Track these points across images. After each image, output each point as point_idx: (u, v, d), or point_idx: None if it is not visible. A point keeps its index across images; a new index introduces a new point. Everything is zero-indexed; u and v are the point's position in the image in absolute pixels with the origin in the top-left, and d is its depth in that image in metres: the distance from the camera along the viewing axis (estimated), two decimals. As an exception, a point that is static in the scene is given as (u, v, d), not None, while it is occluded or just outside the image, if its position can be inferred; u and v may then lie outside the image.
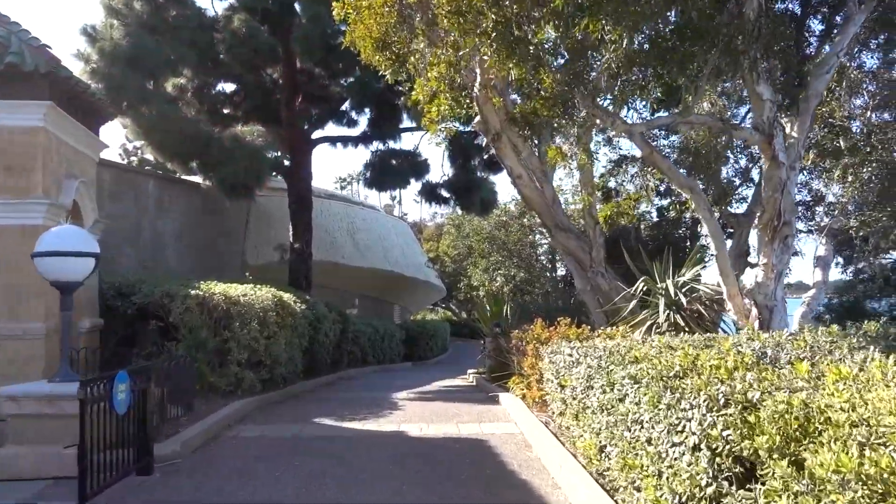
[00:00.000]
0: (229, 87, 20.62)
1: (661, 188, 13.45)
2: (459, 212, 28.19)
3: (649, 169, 10.95)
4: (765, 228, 6.88)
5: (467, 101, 9.65)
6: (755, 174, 12.15)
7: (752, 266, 14.11)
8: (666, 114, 7.40)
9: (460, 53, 7.13)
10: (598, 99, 6.92)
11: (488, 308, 18.43)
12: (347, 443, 7.45)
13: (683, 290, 8.12)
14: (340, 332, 17.43)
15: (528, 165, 10.96)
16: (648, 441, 4.05)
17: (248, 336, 10.10)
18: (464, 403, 10.43)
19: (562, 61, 6.72)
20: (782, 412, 2.88)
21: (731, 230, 11.24)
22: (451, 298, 45.97)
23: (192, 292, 10.19)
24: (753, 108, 6.89)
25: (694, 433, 3.40)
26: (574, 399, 6.02)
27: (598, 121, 6.89)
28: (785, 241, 6.91)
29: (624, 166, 15.85)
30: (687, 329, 7.68)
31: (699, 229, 16.48)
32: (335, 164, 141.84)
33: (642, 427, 4.19)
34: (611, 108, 7.00)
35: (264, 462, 6.61)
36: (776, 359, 4.21)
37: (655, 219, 17.87)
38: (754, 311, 6.97)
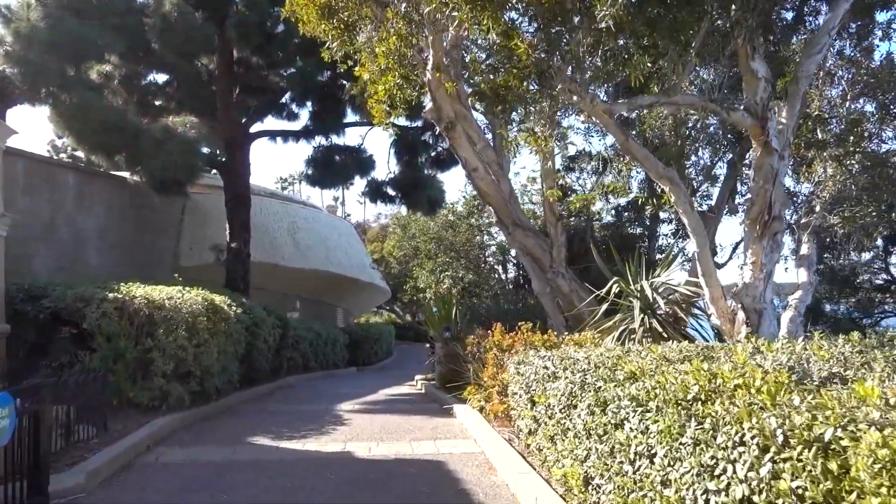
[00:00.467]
0: (161, 78, 19.31)
1: (620, 184, 12.78)
2: (406, 211, 27.28)
3: (619, 161, 10.20)
4: (753, 223, 6.19)
5: (418, 80, 8.78)
6: (719, 171, 11.65)
7: (720, 266, 13.72)
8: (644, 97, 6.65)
9: (425, 10, 6.23)
10: (577, 74, 6.13)
11: (436, 311, 17.59)
12: (287, 468, 6.47)
13: (659, 291, 7.42)
14: (280, 338, 16.35)
15: (483, 158, 10.15)
16: (665, 483, 3.22)
17: (175, 344, 8.98)
18: (416, 416, 9.52)
19: (535, 28, 5.90)
20: (888, 461, 2.08)
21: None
22: (395, 301, 44.96)
23: (111, 295, 9.02)
24: (746, 88, 6.20)
25: (742, 481, 2.57)
26: (550, 418, 5.19)
27: (574, 97, 6.11)
28: (774, 238, 6.24)
29: (578, 163, 15.25)
30: (665, 335, 6.97)
31: (658, 228, 16.00)
32: (276, 163, 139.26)
33: (653, 463, 3.37)
34: (590, 87, 6.21)
35: (186, 496, 5.59)
36: (807, 374, 3.44)
37: (611, 218, 17.35)
38: (741, 314, 6.27)
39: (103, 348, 8.75)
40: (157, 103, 19.01)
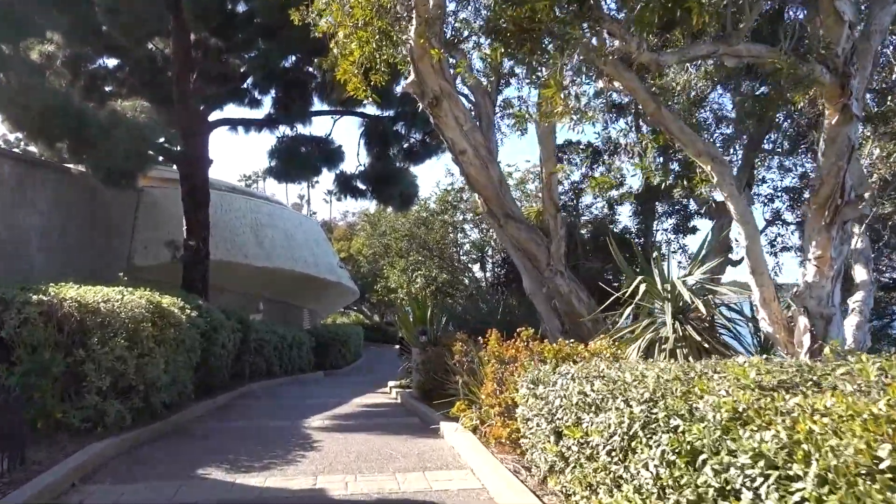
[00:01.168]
0: (112, 62, 17.70)
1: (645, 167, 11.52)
2: (376, 207, 25.98)
3: (641, 140, 8.98)
4: (820, 209, 5.02)
5: (399, 40, 7.47)
6: (733, 156, 10.47)
7: (735, 264, 12.63)
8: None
9: None
10: (623, 6, 4.95)
11: (410, 312, 16.31)
12: (243, 514, 5.13)
13: (695, 292, 6.24)
14: (241, 342, 14.93)
15: (470, 141, 8.88)
16: None
17: (112, 355, 7.54)
18: (397, 436, 8.19)
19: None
20: None
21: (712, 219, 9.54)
22: (363, 301, 43.57)
23: (35, 298, 7.54)
24: (826, 35, 5.03)
25: None
26: (591, 460, 3.93)
27: (616, 42, 4.91)
28: (845, 227, 5.09)
29: (567, 152, 14.12)
30: (705, 346, 5.79)
31: (655, 225, 14.89)
32: (238, 157, 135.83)
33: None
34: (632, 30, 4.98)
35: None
36: None
37: (598, 213, 16.25)
38: (802, 320, 5.10)
39: (25, 361, 7.28)
40: (106, 89, 17.42)
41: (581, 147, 14.30)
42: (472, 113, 10.17)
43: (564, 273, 8.77)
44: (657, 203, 13.69)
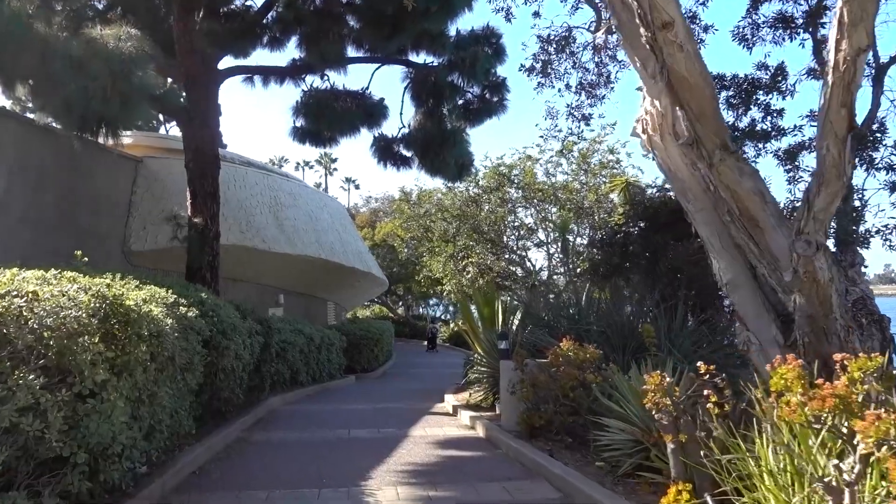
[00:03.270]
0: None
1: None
2: (420, 177, 22.27)
3: None
4: None
5: None
6: None
7: None
8: None
9: None
10: None
11: (475, 310, 12.56)
12: None
13: None
14: (262, 348, 11.22)
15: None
16: None
17: (13, 403, 3.81)
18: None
19: None
20: None
21: None
22: (389, 293, 39.90)
23: None
24: None
25: None
26: None
27: None
28: None
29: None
30: None
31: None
32: (256, 131, 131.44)
33: None
34: None
35: None
36: None
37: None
38: None
39: None
40: (89, 26, 13.65)
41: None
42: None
43: (823, 248, 4.97)
44: None
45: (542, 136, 19.44)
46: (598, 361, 7.11)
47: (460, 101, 14.69)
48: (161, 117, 39.27)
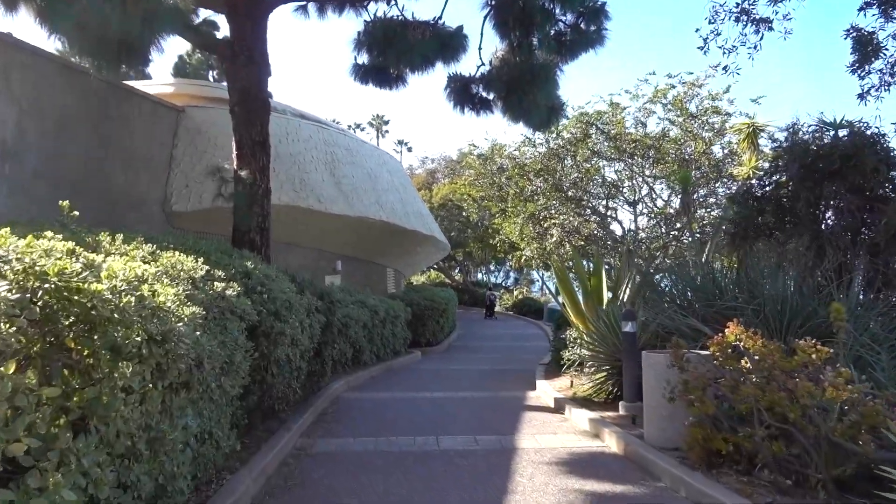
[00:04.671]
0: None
1: None
2: (487, 133, 19.80)
3: None
4: None
5: None
6: None
7: None
8: None
9: None
10: None
11: (576, 280, 10.27)
12: None
13: None
14: (323, 329, 9.09)
15: None
16: None
17: None
18: None
19: None
20: None
21: None
22: (447, 258, 37.72)
23: None
24: None
25: None
26: None
27: None
28: None
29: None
30: None
31: None
32: (303, 94, 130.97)
33: None
34: None
35: None
36: None
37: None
38: None
39: None
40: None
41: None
42: None
43: None
44: None
45: (640, 80, 16.73)
46: (825, 363, 4.72)
47: (551, 32, 12.17)
48: (207, 62, 37.28)
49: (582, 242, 16.91)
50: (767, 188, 9.18)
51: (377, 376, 12.92)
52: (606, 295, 10.31)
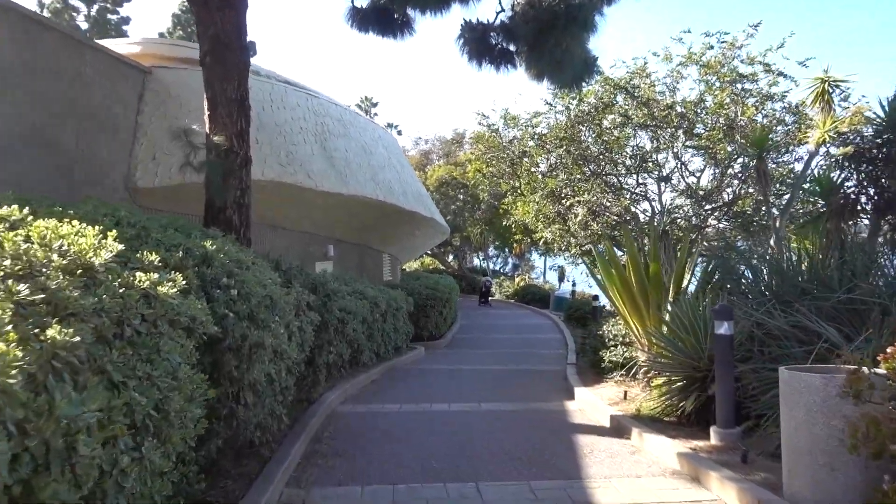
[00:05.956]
0: None
1: None
2: (494, 105, 17.64)
3: None
4: None
5: None
6: None
7: None
8: None
9: None
10: None
11: (645, 267, 8.31)
12: None
13: None
14: (317, 329, 6.99)
15: None
16: None
17: None
18: None
19: None
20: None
21: None
22: (443, 244, 35.60)
23: None
24: None
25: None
26: None
27: None
28: None
29: None
30: None
31: None
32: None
33: None
34: None
35: None
36: None
37: None
38: None
39: None
40: None
41: None
42: None
43: None
44: None
45: (674, 38, 14.59)
46: None
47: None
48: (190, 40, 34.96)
49: (616, 220, 14.85)
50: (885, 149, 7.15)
51: (379, 380, 10.89)
52: (675, 287, 8.26)
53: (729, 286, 7.33)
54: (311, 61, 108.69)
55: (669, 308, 7.46)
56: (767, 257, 7.52)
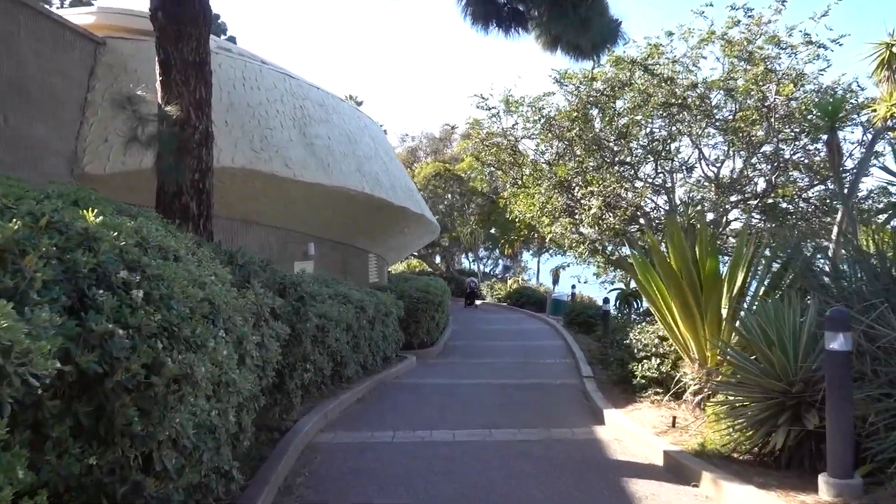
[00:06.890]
0: None
1: None
2: (499, 79, 16.09)
3: None
4: None
5: None
6: None
7: None
8: None
9: None
10: None
11: (693, 262, 6.74)
12: None
13: None
14: (286, 344, 5.27)
15: None
16: None
17: None
18: None
19: None
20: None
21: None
22: (431, 244, 33.95)
23: None
24: None
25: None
26: None
27: None
28: None
29: None
30: None
31: None
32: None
33: None
34: None
35: None
36: None
37: None
38: None
39: None
40: None
41: None
42: None
43: None
44: None
45: (695, 12, 13.00)
46: None
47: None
48: None
49: (637, 213, 13.28)
50: None
51: (366, 398, 9.23)
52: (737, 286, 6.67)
53: (811, 287, 5.76)
54: (293, 61, 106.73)
55: (741, 314, 5.88)
56: (853, 252, 5.96)
